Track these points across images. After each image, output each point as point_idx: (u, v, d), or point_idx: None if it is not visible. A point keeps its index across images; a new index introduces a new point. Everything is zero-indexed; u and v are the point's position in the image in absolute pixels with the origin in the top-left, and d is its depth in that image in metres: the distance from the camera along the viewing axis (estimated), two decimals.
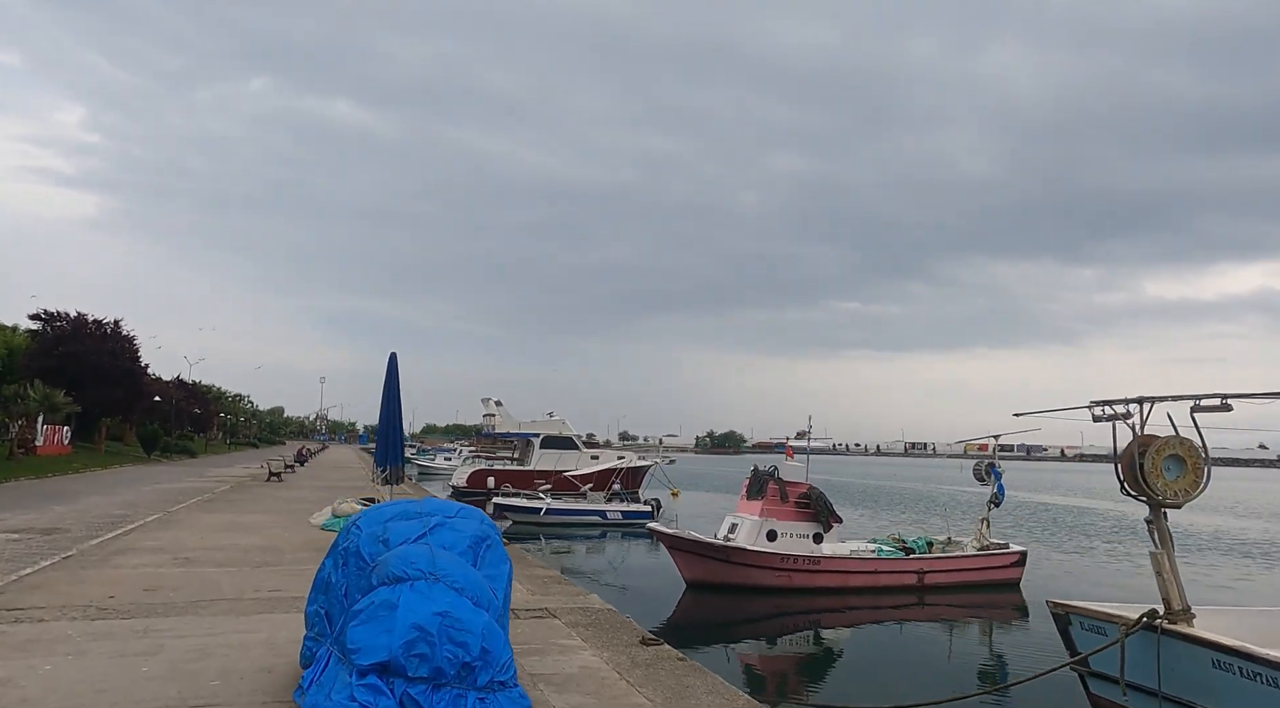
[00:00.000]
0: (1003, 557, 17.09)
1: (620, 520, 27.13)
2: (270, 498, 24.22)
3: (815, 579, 15.77)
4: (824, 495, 16.48)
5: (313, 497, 25.07)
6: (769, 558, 15.48)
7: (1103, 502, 49.49)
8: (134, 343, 52.82)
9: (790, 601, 15.35)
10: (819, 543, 16.14)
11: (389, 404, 18.54)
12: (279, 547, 13.53)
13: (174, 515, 18.34)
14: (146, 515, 18.16)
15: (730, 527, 16.40)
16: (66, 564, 11.25)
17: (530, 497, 27.76)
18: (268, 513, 19.46)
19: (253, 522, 17.26)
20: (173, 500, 22.53)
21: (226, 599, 9.13)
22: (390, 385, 18.63)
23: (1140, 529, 26.63)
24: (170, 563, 11.58)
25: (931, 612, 15.71)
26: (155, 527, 16.02)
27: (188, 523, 16.83)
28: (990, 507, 17.56)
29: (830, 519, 16.24)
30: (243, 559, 12.07)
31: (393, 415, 18.55)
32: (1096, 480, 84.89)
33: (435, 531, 5.94)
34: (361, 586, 5.55)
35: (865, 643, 14.29)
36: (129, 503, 21.38)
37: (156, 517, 17.94)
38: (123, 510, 19.29)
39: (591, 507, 27.20)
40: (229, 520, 17.50)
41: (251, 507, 21.10)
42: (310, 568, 11.87)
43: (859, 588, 16.00)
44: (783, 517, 15.98)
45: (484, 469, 42.27)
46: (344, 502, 16.62)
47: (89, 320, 50.74)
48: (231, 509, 20.27)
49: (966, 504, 45.55)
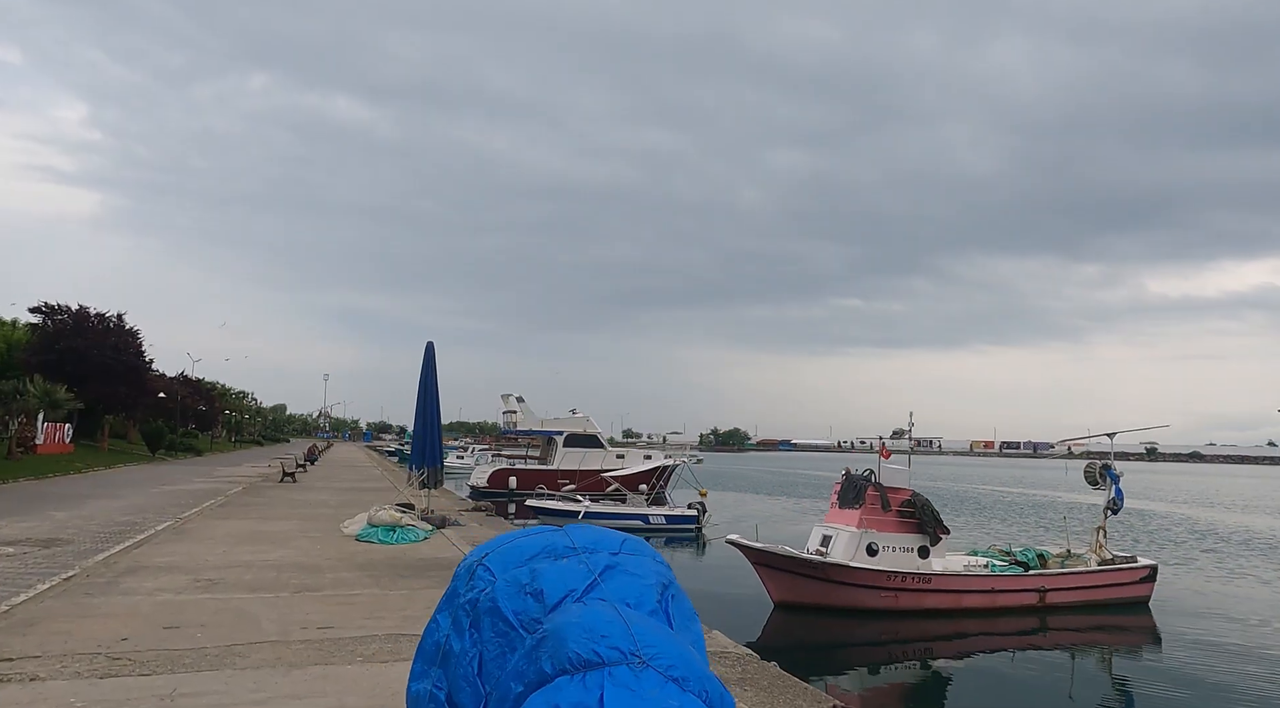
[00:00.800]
0: (1130, 572, 15.21)
1: (664, 526, 25.25)
2: (288, 501, 22.37)
3: (925, 600, 13.90)
4: (929, 503, 14.58)
5: (334, 500, 23.23)
6: (874, 576, 13.61)
7: (1200, 510, 45.10)
8: (138, 337, 50.99)
9: (896, 624, 13.48)
10: (925, 557, 14.26)
11: (426, 399, 16.72)
12: (315, 564, 11.67)
13: (187, 523, 16.49)
14: (157, 523, 16.31)
15: (821, 539, 14.51)
16: (68, 589, 9.40)
17: (566, 499, 25.89)
18: (290, 519, 17.61)
19: (277, 531, 15.41)
20: (184, 504, 20.68)
21: (268, 642, 7.26)
22: (427, 378, 16.82)
23: (1259, 541, 24.16)
24: (192, 587, 9.72)
25: (1056, 637, 13.84)
26: (168, 537, 14.17)
27: (204, 533, 14.98)
28: (1107, 514, 15.68)
29: (937, 530, 14.37)
30: (276, 581, 10.21)
31: (430, 411, 16.73)
32: (1166, 481, 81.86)
33: (607, 577, 4.07)
34: (517, 669, 3.65)
35: (983, 673, 12.43)
36: (136, 507, 19.54)
37: (168, 525, 16.09)
38: (130, 516, 17.45)
39: (633, 511, 25.34)
40: (250, 529, 15.66)
41: (270, 512, 19.25)
42: (359, 594, 10.05)
43: (973, 609, 14.12)
44: (884, 528, 14.09)
45: (506, 468, 40.41)
46: (380, 509, 14.77)
47: (91, 314, 48.89)
48: (249, 515, 18.42)
49: (1023, 507, 43.36)
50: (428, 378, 16.87)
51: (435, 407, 16.82)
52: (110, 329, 48.94)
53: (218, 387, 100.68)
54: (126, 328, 50.34)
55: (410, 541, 14.14)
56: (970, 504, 44.92)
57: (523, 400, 42.36)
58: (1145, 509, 42.44)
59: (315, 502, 22.44)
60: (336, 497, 24.52)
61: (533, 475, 39.61)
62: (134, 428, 60.11)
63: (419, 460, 16.70)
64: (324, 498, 23.94)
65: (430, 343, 17.16)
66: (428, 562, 12.12)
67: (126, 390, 48.69)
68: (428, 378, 16.87)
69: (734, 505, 39.30)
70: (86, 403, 45.88)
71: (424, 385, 16.83)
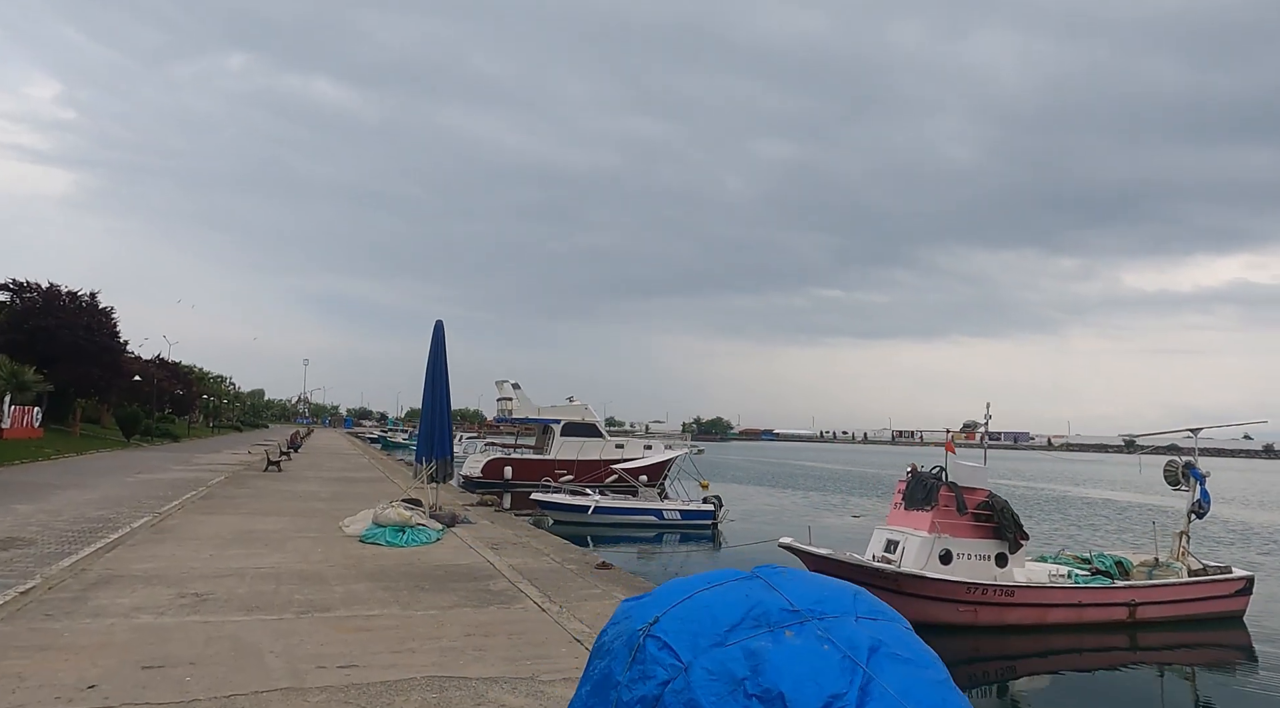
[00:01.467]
0: (1226, 584, 13.89)
1: (679, 522, 23.78)
2: (277, 494, 20.68)
3: (1007, 614, 12.51)
4: (1009, 505, 13.18)
5: (325, 492, 21.58)
6: (953, 588, 12.20)
7: (1242, 510, 41.96)
8: (111, 317, 48.76)
9: (974, 641, 12.09)
10: (1002, 566, 12.87)
11: (435, 384, 15.13)
12: (319, 573, 10.09)
13: (168, 519, 14.82)
14: (133, 518, 14.63)
15: (886, 544, 13.06)
16: (24, 608, 7.77)
17: (574, 492, 24.37)
18: (282, 515, 15.97)
19: (269, 530, 13.78)
20: (163, 496, 18.96)
21: (278, 690, 5.69)
22: (436, 362, 15.23)
23: None
24: (176, 605, 8.11)
25: (1147, 655, 12.48)
26: (146, 537, 12.51)
27: (187, 531, 13.32)
28: (1191, 517, 14.36)
29: (1017, 536, 12.97)
30: (276, 597, 8.62)
31: (440, 398, 15.14)
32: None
33: (879, 669, 2.54)
34: None
35: (1070, 695, 11.10)
36: (110, 500, 17.80)
37: (146, 521, 14.42)
38: (103, 511, 15.75)
39: (646, 506, 23.84)
40: (238, 527, 14.01)
41: (259, 506, 17.59)
42: (378, 615, 8.29)
43: (1057, 625, 12.76)
44: (959, 533, 12.66)
45: (500, 458, 38.77)
46: (387, 507, 13.18)
47: (62, 292, 46.62)
48: (236, 509, 16.75)
49: (1064, 505, 41.88)
50: (436, 361, 15.28)
51: (445, 393, 15.23)
52: (83, 309, 46.72)
53: (195, 370, 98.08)
54: (100, 307, 48.12)
55: (421, 543, 12.59)
56: None
57: (519, 387, 40.67)
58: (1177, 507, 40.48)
59: (305, 494, 20.78)
60: (327, 488, 22.87)
61: (529, 465, 38.03)
62: (108, 412, 57.85)
63: (426, 452, 15.10)
64: (314, 490, 22.27)
65: (439, 322, 15.57)
66: (448, 570, 10.57)
67: (100, 372, 46.54)
68: (436, 361, 15.28)
69: (738, 499, 37.83)
70: (57, 385, 43.73)
71: (432, 369, 15.24)
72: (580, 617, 8.18)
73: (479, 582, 9.85)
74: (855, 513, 30.41)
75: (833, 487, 48.52)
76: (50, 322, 43.82)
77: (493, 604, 8.65)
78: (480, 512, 17.91)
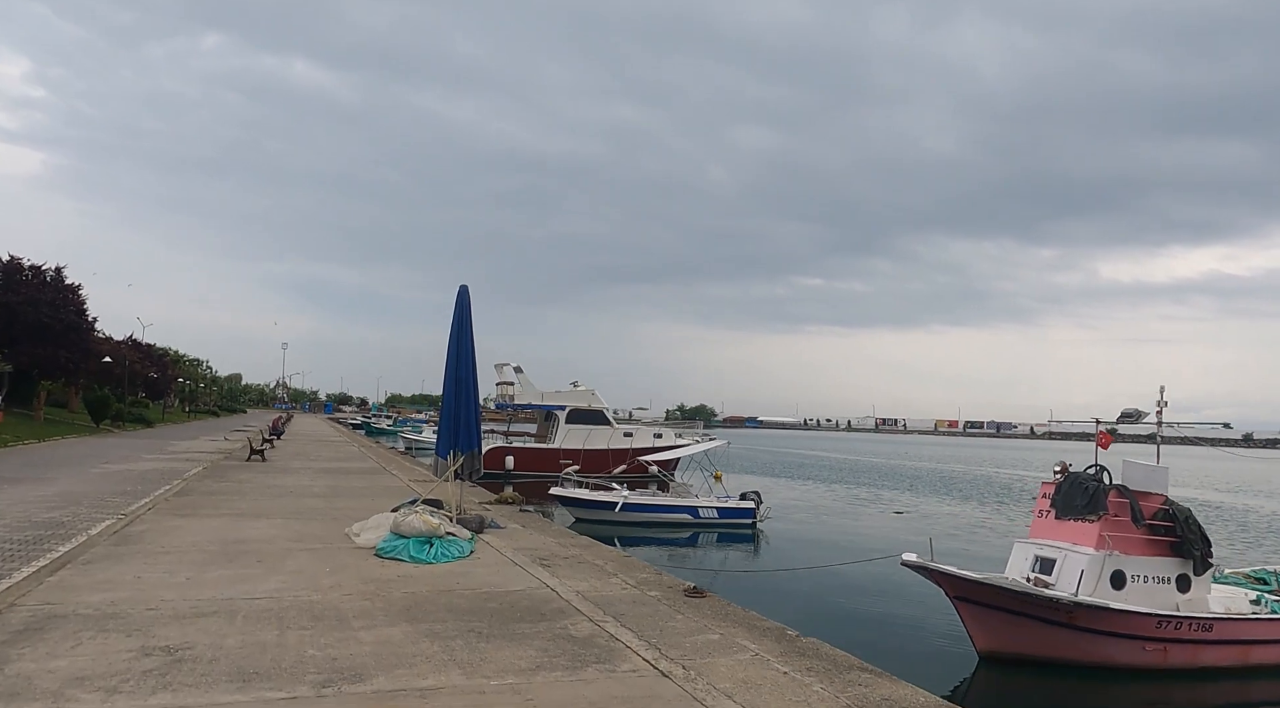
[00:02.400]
0: None
1: (716, 521, 21.32)
2: (264, 489, 18.05)
3: (1202, 654, 10.13)
4: (1192, 514, 10.78)
5: (319, 486, 18.96)
6: (1140, 622, 9.80)
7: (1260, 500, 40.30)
8: (79, 294, 45.50)
9: (1162, 689, 9.75)
10: (1184, 591, 10.47)
11: (459, 361, 12.61)
12: (334, 608, 7.55)
13: (135, 523, 12.19)
14: (92, 522, 12.00)
15: (1036, 563, 10.61)
16: None
17: (599, 486, 21.85)
18: (274, 516, 13.38)
19: (260, 539, 11.21)
20: (130, 491, 16.29)
21: None
22: (461, 335, 12.71)
23: None
24: (137, 674, 5.55)
25: None
26: (105, 551, 9.91)
27: (158, 541, 10.72)
28: None
29: (1205, 553, 10.59)
30: (282, 655, 6.09)
31: (466, 378, 12.63)
32: (1180, 465, 77.90)
33: None
34: None
35: None
36: (67, 497, 15.12)
37: (107, 526, 11.79)
38: (56, 511, 13.09)
39: (680, 503, 21.32)
40: (222, 534, 11.42)
41: (244, 504, 14.97)
42: (435, 685, 5.10)
43: (1262, 667, 10.41)
44: (1134, 549, 10.20)
45: (501, 447, 36.09)
46: (410, 511, 10.63)
47: (24, 266, 43.32)
48: (218, 509, 14.12)
49: None
50: (461, 334, 12.70)
51: (471, 371, 12.66)
52: (46, 284, 43.47)
53: (170, 352, 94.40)
54: (65, 283, 44.86)
55: (453, 557, 10.08)
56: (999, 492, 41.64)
57: (521, 371, 37.92)
58: (1216, 501, 38.86)
59: (297, 489, 18.15)
60: (320, 482, 20.24)
61: (532, 455, 35.51)
62: (76, 396, 54.60)
63: (450, 443, 12.50)
64: (306, 483, 19.64)
65: (464, 288, 12.97)
66: (503, 602, 8.07)
67: (66, 354, 43.34)
68: (461, 334, 12.70)
69: (764, 492, 35.51)
70: (18, 366, 40.65)
71: (456, 343, 12.66)
72: (722, 685, 5.72)
73: (551, 621, 7.36)
74: (897, 509, 28.19)
75: (850, 478, 46.29)
76: (10, 298, 40.61)
77: (589, 663, 6.16)
78: (505, 512, 15.39)
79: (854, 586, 15.69)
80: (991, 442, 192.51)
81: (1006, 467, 66.47)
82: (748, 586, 15.64)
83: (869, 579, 15.84)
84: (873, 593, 15.37)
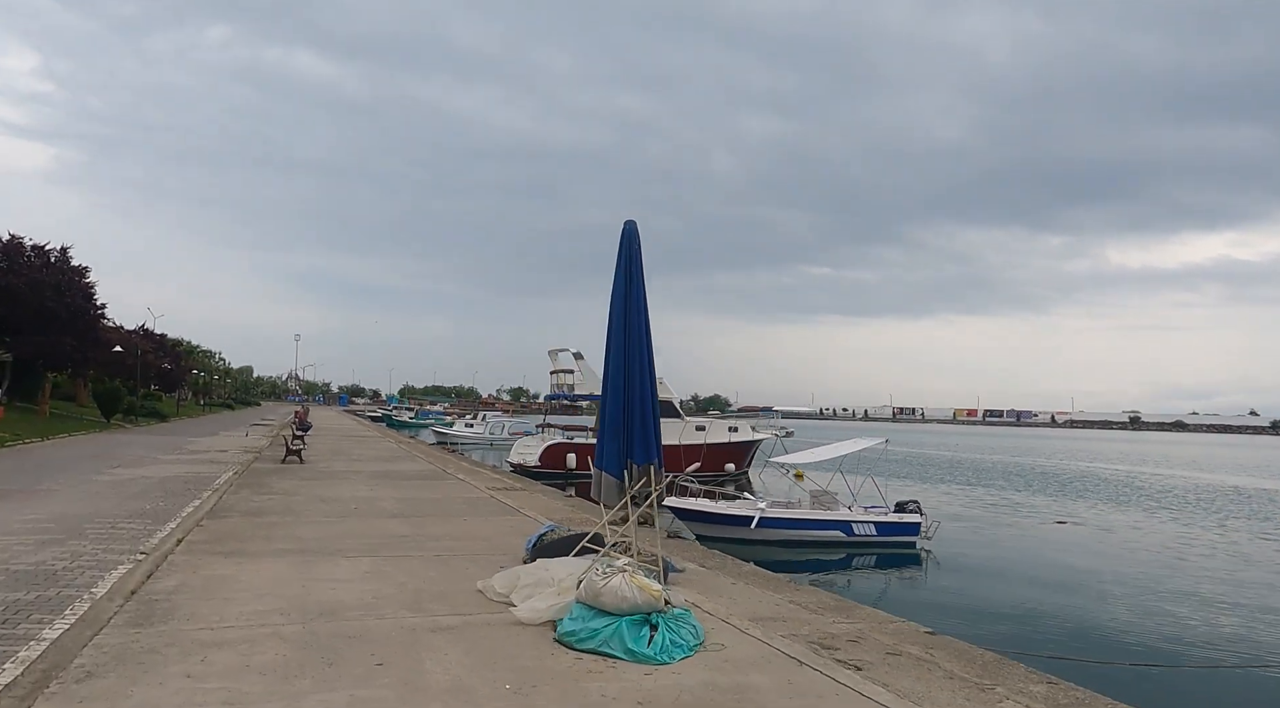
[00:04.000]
0: None
1: (873, 537, 17.28)
2: (319, 504, 14.09)
3: None
4: None
5: (386, 500, 14.97)
6: None
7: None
8: (86, 277, 41.68)
9: None
10: None
11: (631, 329, 8.64)
12: None
13: (160, 573, 8.23)
14: (97, 573, 8.10)
15: None
16: None
17: (730, 497, 17.87)
18: (355, 553, 9.41)
19: (354, 602, 7.24)
20: (149, 511, 12.40)
21: None
22: (631, 291, 8.72)
23: None
24: None
25: None
26: (118, 641, 5.95)
27: (198, 611, 6.75)
28: None
29: None
30: None
31: (638, 352, 8.67)
32: (1199, 452, 74.17)
33: None
34: None
35: None
36: (65, 521, 11.21)
37: (119, 578, 7.87)
38: (46, 551, 9.20)
39: (827, 517, 17.19)
40: (293, 591, 7.45)
41: (306, 531, 11.00)
42: None
43: None
44: None
45: (563, 443, 32.10)
46: (608, 568, 6.59)
47: (27, 246, 39.51)
48: (273, 542, 10.15)
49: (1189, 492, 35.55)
50: (630, 294, 8.62)
51: (645, 345, 8.58)
52: (51, 266, 39.66)
53: (184, 343, 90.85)
54: (72, 265, 41.05)
55: (689, 650, 6.09)
56: (1154, 493, 37.04)
57: (581, 357, 33.80)
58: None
59: (362, 504, 14.17)
60: (382, 491, 16.27)
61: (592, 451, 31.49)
62: (84, 388, 50.96)
63: (623, 452, 8.44)
64: (365, 494, 15.69)
65: (631, 224, 8.95)
66: None
67: (74, 342, 39.56)
68: (630, 294, 8.62)
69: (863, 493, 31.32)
70: (21, 357, 36.93)
71: (624, 308, 8.58)
72: None
73: None
74: (1059, 519, 24.11)
75: (921, 474, 41.98)
76: (12, 280, 36.80)
77: None
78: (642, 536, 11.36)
79: (954, 596, 11.82)
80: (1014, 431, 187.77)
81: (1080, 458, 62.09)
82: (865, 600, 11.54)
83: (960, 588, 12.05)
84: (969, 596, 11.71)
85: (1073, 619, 12.90)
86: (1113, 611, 13.55)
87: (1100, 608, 13.69)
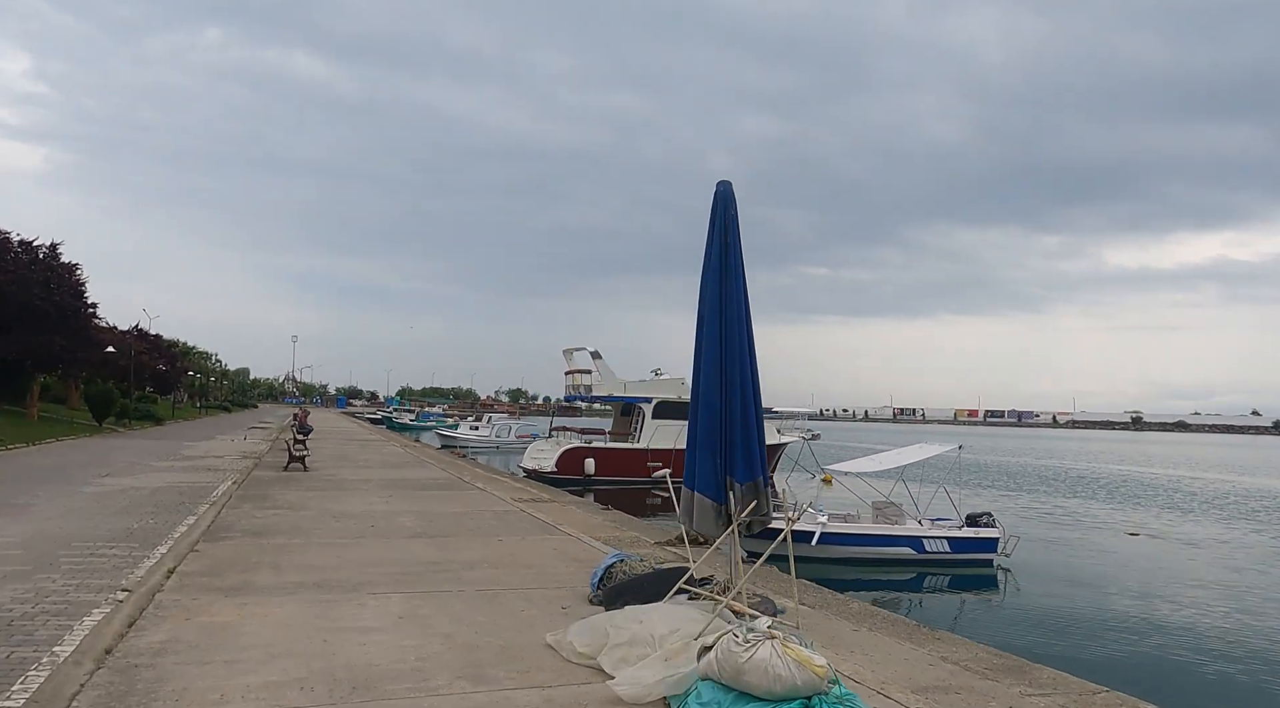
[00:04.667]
0: None
1: (946, 555, 15.67)
2: (331, 521, 12.41)
3: None
4: None
5: (404, 515, 13.30)
6: None
7: None
8: (76, 274, 39.96)
9: None
10: None
11: (728, 312, 7.03)
12: None
13: (145, 624, 6.56)
14: (68, 619, 6.45)
15: None
16: None
17: (789, 512, 16.25)
18: (381, 588, 7.75)
19: (392, 668, 5.57)
20: (137, 532, 10.74)
21: None
22: (728, 262, 7.10)
23: None
24: None
25: None
26: None
27: (193, 687, 5.08)
28: None
29: None
30: None
31: (737, 343, 7.04)
32: (1199, 452, 72.51)
33: None
34: None
35: None
36: (37, 546, 9.55)
37: (91, 630, 6.19)
38: (9, 587, 7.55)
39: (895, 532, 15.51)
40: (313, 649, 5.78)
41: (319, 558, 9.33)
42: None
43: None
44: None
45: (580, 447, 30.43)
46: (741, 625, 4.96)
47: (14, 242, 37.78)
48: (282, 573, 8.48)
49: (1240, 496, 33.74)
50: (728, 260, 6.98)
51: (745, 336, 6.96)
52: (39, 262, 37.94)
53: (179, 344, 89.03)
54: (62, 262, 39.33)
55: None
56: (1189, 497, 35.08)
57: (599, 356, 32.11)
58: None
59: (379, 521, 12.49)
60: (399, 505, 14.60)
61: (616, 457, 29.92)
62: (76, 390, 49.20)
63: (718, 471, 6.81)
64: (382, 508, 14.02)
65: (724, 185, 7.33)
66: None
67: (63, 341, 37.84)
68: (728, 260, 6.98)
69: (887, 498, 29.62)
70: (9, 357, 35.21)
71: (719, 285, 6.94)
72: None
73: None
74: (1130, 530, 22.45)
75: (976, 478, 39.75)
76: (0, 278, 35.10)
77: None
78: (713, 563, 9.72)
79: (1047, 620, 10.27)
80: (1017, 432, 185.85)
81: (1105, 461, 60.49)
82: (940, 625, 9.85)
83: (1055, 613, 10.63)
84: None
85: (1209, 653, 11.29)
86: (1250, 641, 11.95)
87: (1236, 638, 12.09)
